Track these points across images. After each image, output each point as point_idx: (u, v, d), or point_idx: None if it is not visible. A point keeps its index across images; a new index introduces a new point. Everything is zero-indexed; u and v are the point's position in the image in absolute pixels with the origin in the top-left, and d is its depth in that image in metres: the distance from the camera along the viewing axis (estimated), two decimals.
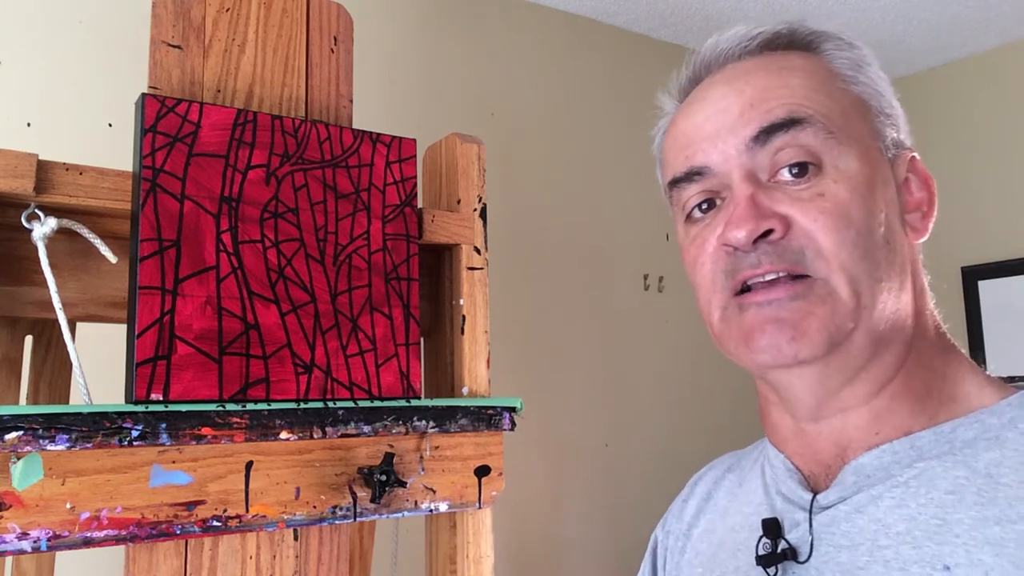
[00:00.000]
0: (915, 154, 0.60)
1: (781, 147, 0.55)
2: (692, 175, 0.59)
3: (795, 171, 0.55)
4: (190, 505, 0.79)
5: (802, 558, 0.55)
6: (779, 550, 0.56)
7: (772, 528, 0.57)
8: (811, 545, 0.55)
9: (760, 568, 0.56)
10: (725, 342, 0.59)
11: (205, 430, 0.79)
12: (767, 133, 0.55)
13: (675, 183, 0.61)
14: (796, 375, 0.56)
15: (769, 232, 0.54)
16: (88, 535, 0.74)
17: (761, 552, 0.57)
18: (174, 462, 0.79)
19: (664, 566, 0.73)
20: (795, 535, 0.56)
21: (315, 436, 0.85)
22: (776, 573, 0.55)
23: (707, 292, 0.59)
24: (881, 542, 0.52)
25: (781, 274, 0.54)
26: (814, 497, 0.57)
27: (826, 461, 0.58)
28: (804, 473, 0.60)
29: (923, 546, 0.50)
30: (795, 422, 0.60)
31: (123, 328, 0.82)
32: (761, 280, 0.54)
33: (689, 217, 0.61)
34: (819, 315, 0.53)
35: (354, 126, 0.98)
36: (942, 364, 0.57)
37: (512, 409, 0.99)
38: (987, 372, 0.59)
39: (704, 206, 0.59)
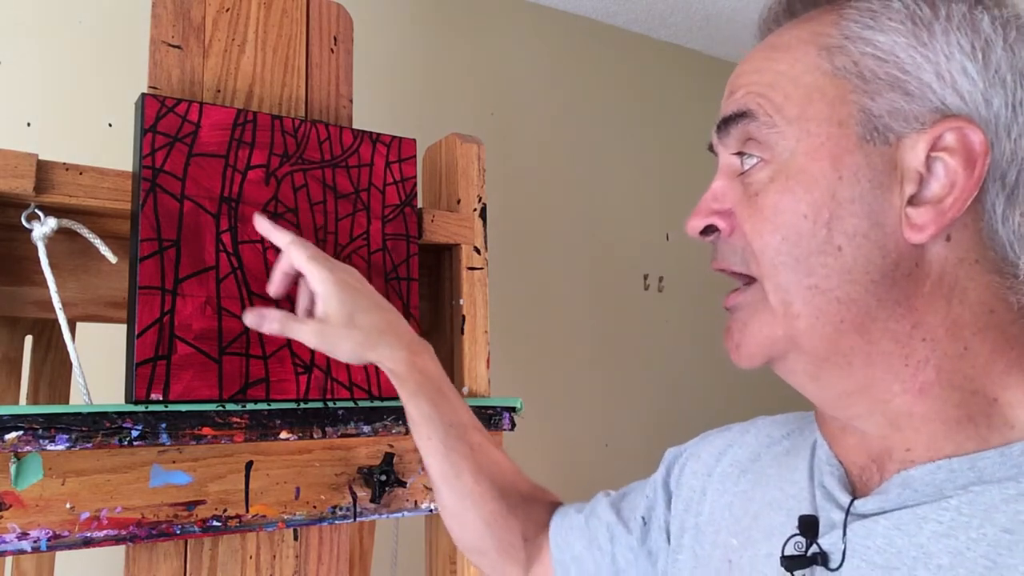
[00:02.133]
0: (961, 125, 0.48)
1: (733, 139, 0.54)
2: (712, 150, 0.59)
3: (746, 166, 0.53)
4: (190, 505, 0.79)
5: (833, 565, 0.50)
6: (810, 553, 0.52)
7: (809, 527, 0.53)
8: (843, 554, 0.50)
9: (784, 569, 0.52)
10: None
11: (205, 430, 0.79)
12: (725, 124, 0.54)
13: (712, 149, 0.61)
14: (791, 380, 0.54)
15: (710, 229, 0.54)
16: (88, 535, 0.74)
17: (793, 551, 0.53)
18: (174, 462, 0.79)
19: (676, 495, 0.70)
20: (828, 540, 0.52)
21: (315, 436, 0.85)
22: None
23: None
24: (919, 572, 0.46)
25: (734, 272, 0.54)
26: (852, 501, 0.51)
27: (865, 460, 0.53)
28: (847, 469, 0.54)
29: None
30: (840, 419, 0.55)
31: (123, 328, 0.82)
32: (723, 272, 0.55)
33: None
34: (751, 327, 0.53)
35: (354, 126, 0.98)
36: (992, 387, 0.49)
37: (512, 409, 0.99)
38: None
39: None
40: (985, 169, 0.48)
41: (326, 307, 0.77)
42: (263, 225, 0.83)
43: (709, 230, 0.55)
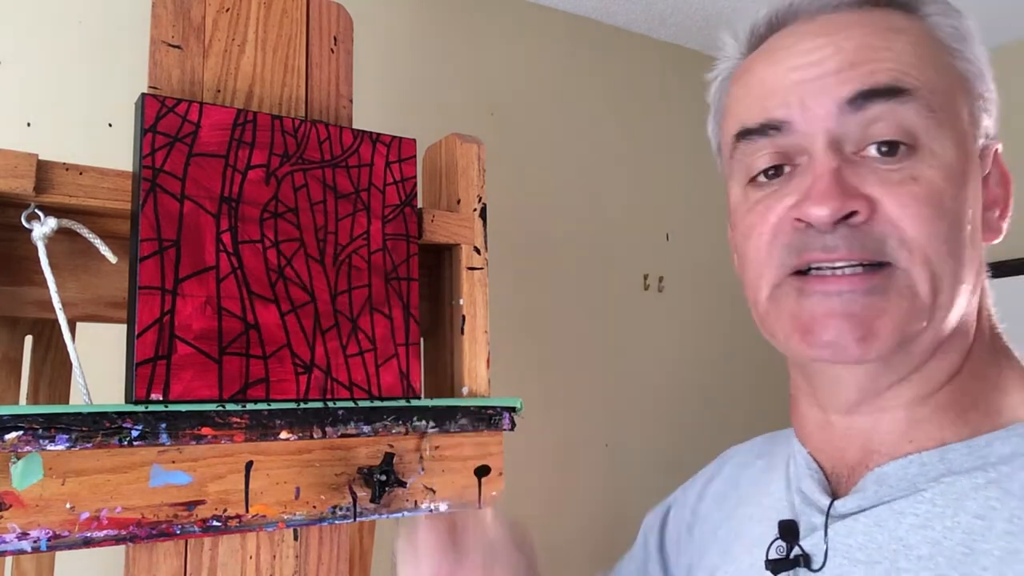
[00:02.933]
0: (999, 146, 0.54)
1: (876, 118, 0.49)
2: (768, 128, 0.52)
3: (885, 148, 0.48)
4: (190, 505, 0.79)
5: (815, 566, 0.51)
6: (792, 556, 0.53)
7: (789, 532, 0.54)
8: (825, 554, 0.51)
9: (769, 572, 0.53)
10: (771, 325, 0.53)
11: (205, 430, 0.79)
12: (864, 98, 0.48)
13: (745, 135, 0.53)
14: (849, 370, 0.51)
15: (853, 214, 0.48)
16: (88, 535, 0.74)
17: (775, 556, 0.54)
18: (174, 462, 0.79)
19: (678, 539, 0.70)
20: (810, 541, 0.53)
21: (315, 436, 0.85)
22: None
23: (758, 266, 0.52)
24: (901, 564, 0.47)
25: (854, 263, 0.48)
26: (832, 502, 0.53)
27: (850, 462, 0.54)
28: (827, 472, 0.56)
29: (946, 575, 0.46)
30: (824, 414, 0.55)
31: (123, 328, 0.82)
32: (830, 267, 0.49)
33: (753, 179, 0.53)
34: (894, 314, 0.47)
35: (354, 126, 0.98)
36: (995, 373, 0.52)
37: (512, 409, 0.99)
38: None
39: (771, 171, 0.52)
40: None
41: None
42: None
43: (848, 215, 0.48)
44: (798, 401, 0.59)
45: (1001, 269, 2.30)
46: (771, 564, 0.53)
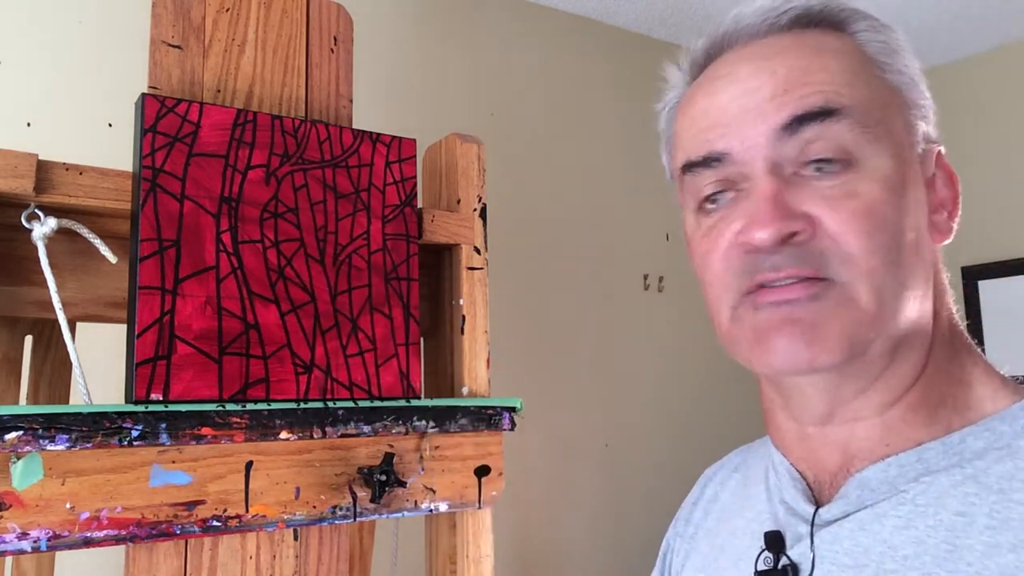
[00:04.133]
0: (942, 148, 0.55)
1: (812, 139, 0.50)
2: (710, 161, 0.54)
3: (823, 166, 0.50)
4: (190, 505, 0.79)
5: (804, 575, 0.52)
6: (780, 566, 0.53)
7: (775, 542, 0.55)
8: (812, 562, 0.52)
9: None
10: (735, 344, 0.54)
11: (205, 430, 0.79)
12: (799, 122, 0.50)
13: (690, 167, 0.55)
14: (809, 381, 0.53)
15: (795, 234, 0.50)
16: (88, 535, 0.74)
17: (762, 567, 0.55)
18: (174, 462, 0.79)
19: (670, 569, 0.71)
20: (797, 551, 0.54)
21: (315, 436, 0.85)
22: None
23: (717, 291, 0.54)
24: (888, 566, 0.48)
25: (803, 278, 0.50)
26: (816, 510, 0.54)
27: (831, 469, 0.55)
28: (809, 480, 0.57)
29: (932, 573, 0.47)
30: (800, 426, 0.57)
31: (123, 328, 0.82)
32: (780, 284, 0.51)
33: (701, 207, 0.56)
34: (837, 321, 0.49)
35: (354, 126, 0.98)
36: (959, 369, 0.53)
37: (512, 409, 0.99)
38: (1004, 374, 0.55)
39: (718, 197, 0.54)
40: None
41: None
42: None
43: (790, 236, 0.50)
44: (774, 414, 0.61)
45: (1001, 269, 2.30)
46: (760, 575, 0.54)
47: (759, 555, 0.56)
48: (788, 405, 0.57)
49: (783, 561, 0.54)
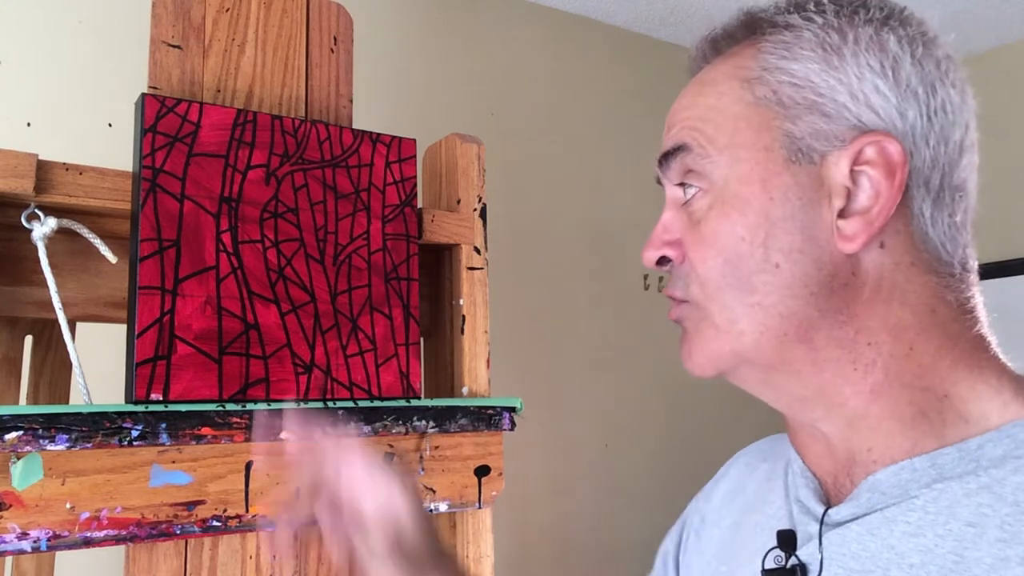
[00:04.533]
0: (879, 139, 0.50)
1: (677, 171, 0.57)
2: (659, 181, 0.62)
3: (688, 195, 0.57)
4: (190, 505, 0.79)
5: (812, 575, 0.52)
6: (789, 566, 0.53)
7: (787, 542, 0.55)
8: (820, 563, 0.52)
9: None
10: None
11: (205, 430, 0.79)
12: (665, 159, 0.58)
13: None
14: (759, 392, 0.57)
15: (664, 260, 0.57)
16: (88, 535, 0.74)
17: (772, 565, 0.55)
18: (174, 462, 0.79)
19: (686, 542, 0.71)
20: (806, 551, 0.54)
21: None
22: None
23: None
24: (893, 573, 0.48)
25: (674, 297, 0.57)
26: (826, 511, 0.54)
27: (843, 469, 0.54)
28: (821, 480, 0.56)
29: None
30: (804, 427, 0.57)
31: (123, 328, 0.82)
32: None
33: None
34: (696, 337, 0.55)
35: (354, 126, 0.98)
36: (940, 382, 0.51)
37: (512, 409, 0.99)
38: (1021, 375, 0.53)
39: None
40: (905, 176, 0.51)
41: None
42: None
43: (663, 260, 0.58)
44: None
45: (1001, 269, 2.30)
46: (766, 574, 0.54)
47: (767, 553, 0.56)
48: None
49: (792, 561, 0.54)
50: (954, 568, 0.46)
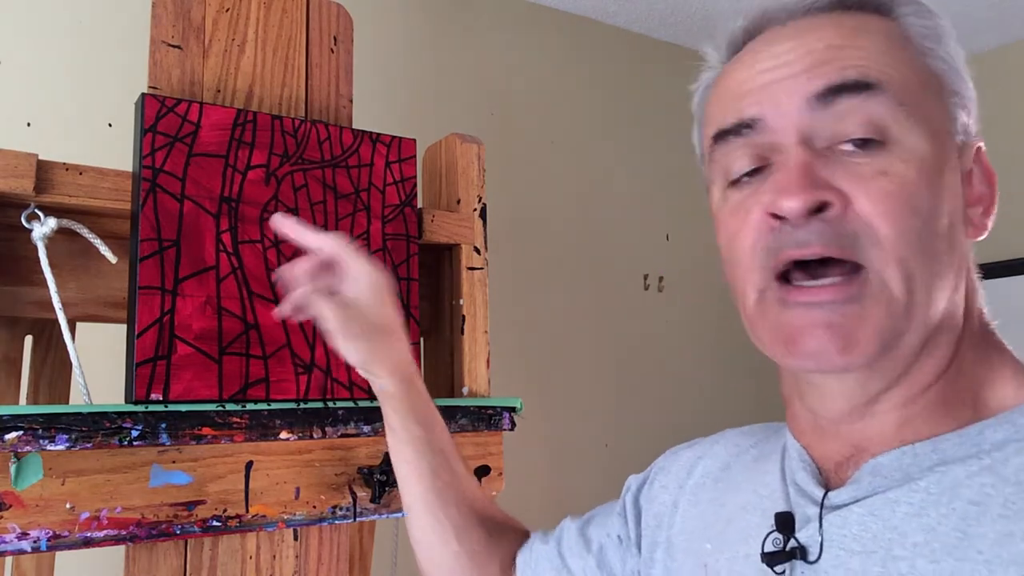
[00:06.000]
0: (981, 144, 0.54)
1: (847, 112, 0.49)
2: (741, 127, 0.53)
3: (858, 144, 0.49)
4: (190, 505, 0.79)
5: (811, 558, 0.51)
6: (788, 548, 0.53)
7: (786, 524, 0.54)
8: (821, 545, 0.52)
9: (765, 565, 0.53)
10: (758, 331, 0.53)
11: (205, 430, 0.79)
12: (834, 93, 0.49)
13: (721, 136, 0.54)
14: (837, 378, 0.52)
15: (825, 206, 0.48)
16: (88, 535, 0.74)
17: (771, 548, 0.54)
18: (174, 462, 0.79)
19: (655, 508, 0.69)
20: (805, 533, 0.53)
21: (315, 436, 0.85)
22: (784, 572, 0.53)
23: (744, 270, 0.53)
24: (896, 552, 0.48)
25: (827, 256, 0.48)
26: (825, 494, 0.53)
27: (843, 458, 0.54)
28: (819, 466, 0.56)
29: (942, 561, 0.46)
30: (814, 418, 0.56)
31: (123, 328, 0.82)
32: (811, 283, 0.49)
33: (732, 182, 0.54)
34: (873, 319, 0.48)
35: (354, 126, 0.98)
36: (986, 369, 0.53)
37: (512, 409, 0.99)
38: None
39: (747, 174, 0.53)
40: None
41: (361, 290, 0.73)
42: (293, 227, 0.75)
43: (821, 208, 0.49)
44: (791, 400, 0.60)
45: (1001, 269, 2.30)
46: (767, 557, 0.54)
47: (767, 536, 0.55)
48: (804, 396, 0.56)
49: (791, 544, 0.53)
50: (958, 545, 0.46)
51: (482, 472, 0.96)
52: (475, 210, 1.03)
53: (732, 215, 0.54)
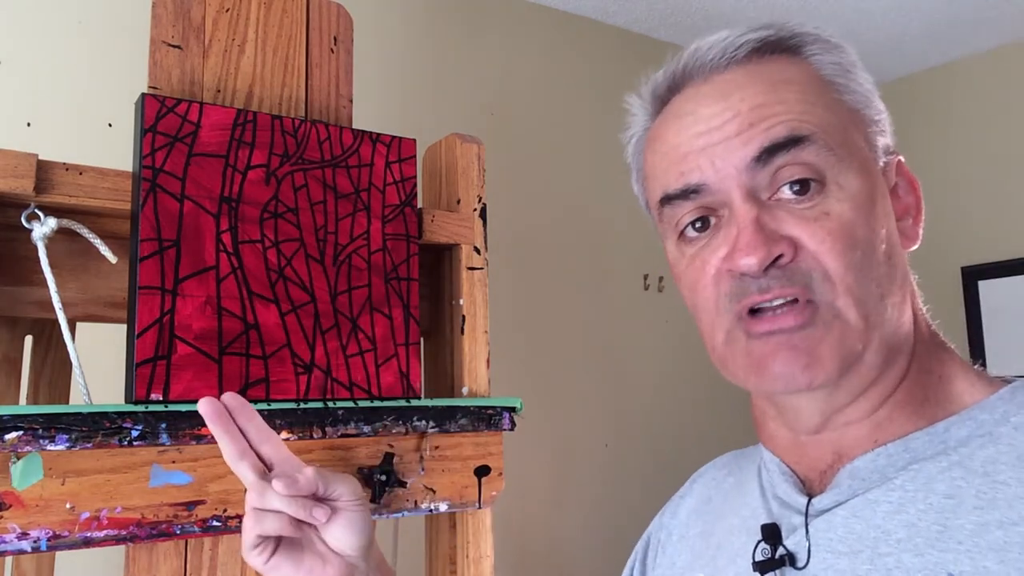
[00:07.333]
0: (900, 157, 0.59)
1: (783, 165, 0.53)
2: (688, 192, 0.56)
3: (797, 188, 0.53)
4: (190, 505, 0.79)
5: (800, 564, 0.54)
6: (777, 556, 0.55)
7: (772, 534, 0.56)
8: (808, 551, 0.54)
9: (757, 574, 0.55)
10: (729, 366, 0.57)
11: (205, 430, 0.79)
12: (769, 153, 0.53)
13: (668, 200, 0.58)
14: (806, 397, 0.55)
15: (779, 257, 0.52)
16: (88, 535, 0.74)
17: (760, 558, 0.56)
18: (174, 462, 0.79)
19: (655, 559, 0.72)
20: (792, 540, 0.55)
21: (315, 436, 0.85)
22: None
23: (710, 316, 0.57)
24: (882, 549, 0.51)
25: (789, 299, 0.52)
26: (809, 501, 0.56)
27: (822, 466, 0.57)
28: (800, 477, 0.59)
29: (925, 553, 0.49)
30: (793, 435, 0.60)
31: (123, 328, 0.82)
32: (769, 304, 0.53)
33: (683, 235, 0.59)
34: (829, 341, 0.52)
35: (354, 126, 0.98)
36: (938, 366, 0.57)
37: (512, 409, 0.99)
38: (977, 368, 0.59)
39: (698, 224, 0.57)
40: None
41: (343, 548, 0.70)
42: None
43: (775, 259, 0.53)
44: (765, 423, 0.63)
45: (1001, 269, 2.30)
46: (758, 565, 0.56)
47: (756, 546, 0.57)
48: (781, 416, 0.60)
49: (780, 551, 0.55)
50: (939, 537, 0.49)
51: (482, 472, 0.96)
52: (475, 210, 1.03)
53: (690, 267, 0.58)
